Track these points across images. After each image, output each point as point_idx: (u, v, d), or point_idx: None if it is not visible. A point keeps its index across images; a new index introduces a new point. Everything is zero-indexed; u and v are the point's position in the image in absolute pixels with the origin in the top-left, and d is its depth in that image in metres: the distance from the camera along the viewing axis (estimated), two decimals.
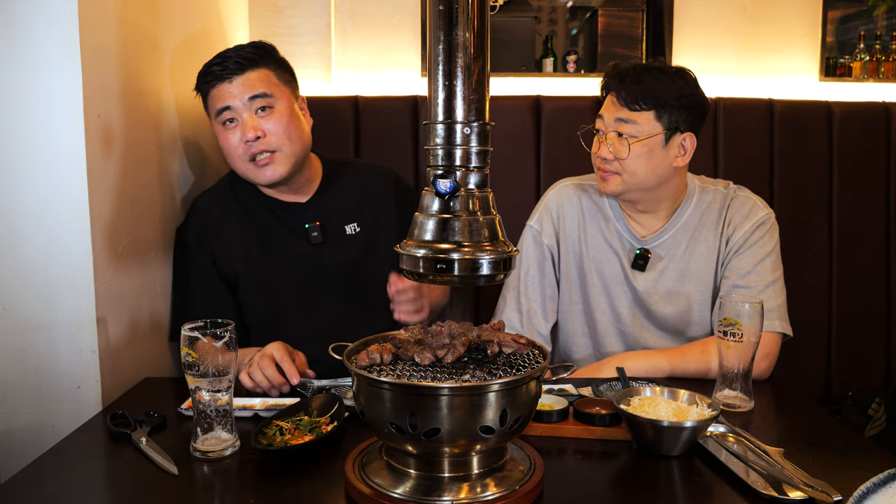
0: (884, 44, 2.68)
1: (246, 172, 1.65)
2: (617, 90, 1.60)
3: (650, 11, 2.64)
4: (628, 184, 1.62)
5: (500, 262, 0.96)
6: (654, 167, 1.61)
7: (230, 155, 1.65)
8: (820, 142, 2.34)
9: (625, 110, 1.59)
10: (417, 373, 0.99)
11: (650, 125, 1.58)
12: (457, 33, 0.93)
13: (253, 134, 1.59)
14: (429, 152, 0.98)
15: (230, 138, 1.62)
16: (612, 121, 1.60)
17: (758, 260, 1.63)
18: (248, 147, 1.61)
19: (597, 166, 1.66)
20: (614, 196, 1.70)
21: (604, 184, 1.65)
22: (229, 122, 1.62)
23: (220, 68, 1.61)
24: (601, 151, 1.62)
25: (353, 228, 1.76)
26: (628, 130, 1.58)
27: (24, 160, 1.36)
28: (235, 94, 1.60)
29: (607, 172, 1.63)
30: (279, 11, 2.51)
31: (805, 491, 0.98)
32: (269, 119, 1.62)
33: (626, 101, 1.58)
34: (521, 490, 0.99)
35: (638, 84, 1.58)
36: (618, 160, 1.60)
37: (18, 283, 1.38)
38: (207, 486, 1.09)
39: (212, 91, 1.63)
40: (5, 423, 1.41)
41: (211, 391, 1.13)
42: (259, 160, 1.62)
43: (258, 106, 1.61)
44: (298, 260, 1.70)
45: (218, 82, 1.62)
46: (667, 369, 1.55)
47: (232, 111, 1.61)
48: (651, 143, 1.58)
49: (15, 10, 1.32)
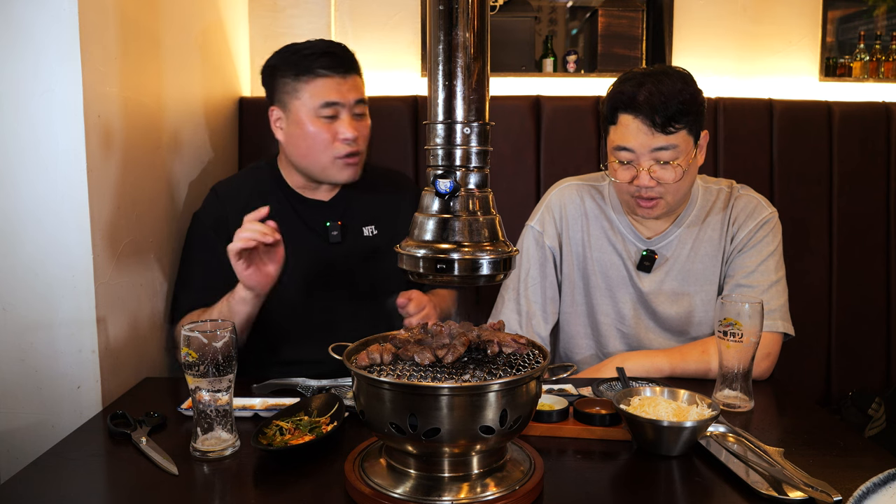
0: (884, 44, 2.68)
1: (328, 166, 1.68)
2: (647, 116, 1.50)
3: (650, 11, 2.64)
4: (671, 204, 1.60)
5: (500, 262, 0.96)
6: (692, 178, 1.61)
7: (317, 146, 1.66)
8: (820, 142, 2.34)
9: (661, 136, 1.51)
10: (417, 373, 0.99)
11: (685, 142, 1.54)
12: (457, 33, 0.93)
13: (353, 134, 1.65)
14: (429, 152, 0.98)
15: (324, 131, 1.65)
16: (647, 152, 1.53)
17: (761, 259, 1.63)
18: (344, 144, 1.66)
19: (632, 194, 1.60)
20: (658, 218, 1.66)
21: (648, 211, 1.60)
22: (329, 117, 1.66)
23: (335, 62, 1.65)
24: (641, 181, 1.55)
25: (370, 231, 1.79)
26: (669, 156, 1.53)
27: (24, 160, 1.36)
28: (346, 92, 1.65)
29: (650, 200, 1.58)
30: (279, 11, 2.51)
31: (805, 491, 0.98)
32: (362, 124, 1.70)
33: (662, 127, 1.51)
34: (521, 490, 0.99)
35: (667, 106, 1.50)
36: (662, 185, 1.55)
37: (18, 283, 1.38)
38: (207, 486, 1.09)
39: (318, 80, 1.64)
40: (5, 423, 1.41)
41: (211, 391, 1.13)
42: (348, 158, 1.67)
43: (358, 111, 1.69)
44: (314, 257, 1.72)
45: (332, 74, 1.64)
46: (667, 369, 1.55)
47: (338, 107, 1.65)
48: (690, 157, 1.56)
49: (15, 10, 1.32)
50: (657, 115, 1.50)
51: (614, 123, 1.58)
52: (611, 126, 1.59)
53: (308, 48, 1.67)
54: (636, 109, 1.51)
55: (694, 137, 1.57)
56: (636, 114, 1.52)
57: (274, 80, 1.70)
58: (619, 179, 1.60)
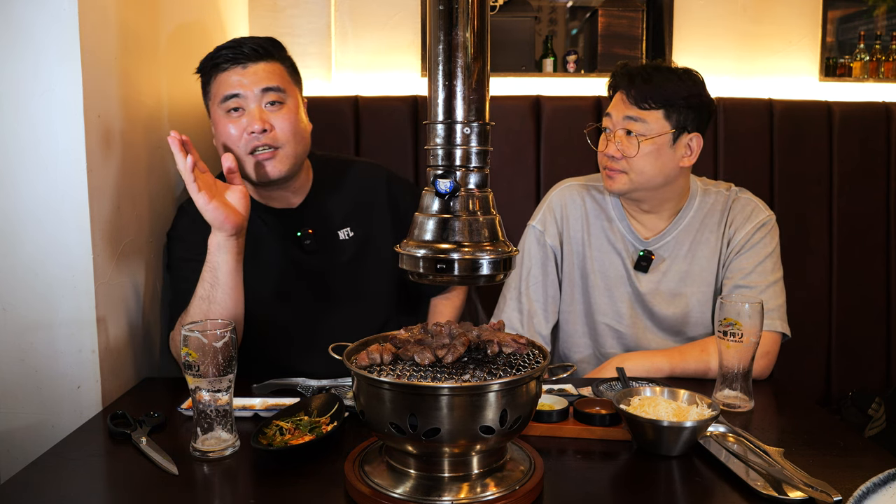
0: (884, 44, 2.68)
1: (244, 166, 1.56)
2: (627, 88, 1.61)
3: (650, 11, 2.65)
4: (635, 182, 1.62)
5: (500, 262, 0.96)
6: (661, 166, 1.61)
7: (229, 145, 1.55)
8: (820, 142, 2.34)
9: (634, 108, 1.59)
10: (417, 373, 0.99)
11: (659, 124, 1.59)
12: (457, 33, 0.93)
13: (260, 126, 1.51)
14: (429, 152, 0.98)
15: (231, 127, 1.53)
16: (621, 119, 1.61)
17: (759, 261, 1.64)
18: (251, 139, 1.52)
19: (603, 164, 1.66)
20: (620, 195, 1.70)
21: (610, 182, 1.65)
22: (234, 110, 1.54)
23: (234, 52, 1.53)
24: (609, 149, 1.62)
25: (346, 233, 1.69)
26: (637, 129, 1.59)
27: (24, 160, 1.36)
28: (247, 83, 1.52)
29: (614, 171, 1.63)
30: (279, 11, 2.51)
31: (805, 491, 0.98)
32: (277, 114, 1.54)
33: (636, 100, 1.59)
34: (521, 490, 0.99)
35: (648, 83, 1.58)
36: (625, 158, 1.60)
37: (18, 283, 1.38)
38: (207, 486, 1.09)
39: (220, 75, 1.55)
40: (5, 423, 1.41)
41: (211, 391, 1.13)
42: (259, 154, 1.54)
43: (269, 99, 1.54)
44: (292, 268, 1.64)
45: (229, 66, 1.53)
46: (666, 369, 1.56)
47: (240, 99, 1.53)
48: (659, 141, 1.59)
49: (15, 10, 1.32)
50: (634, 89, 1.60)
51: (610, 100, 1.68)
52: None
53: (216, 47, 1.56)
54: (623, 82, 1.63)
55: (673, 127, 1.59)
56: (621, 86, 1.64)
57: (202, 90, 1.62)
58: (597, 148, 1.69)
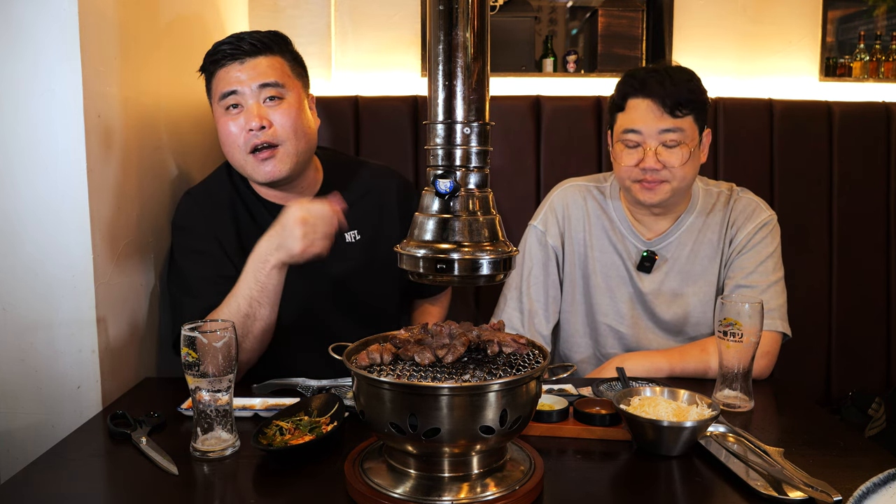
0: (884, 44, 2.68)
1: (244, 165, 1.53)
2: (660, 98, 1.55)
3: (650, 11, 2.64)
4: (676, 190, 1.61)
5: (500, 262, 0.96)
6: (696, 168, 1.62)
7: (228, 144, 1.52)
8: (820, 142, 2.34)
9: (668, 118, 1.55)
10: (417, 373, 0.99)
11: (691, 129, 1.58)
12: (457, 33, 0.93)
13: (258, 123, 1.47)
14: (429, 152, 0.98)
15: (231, 125, 1.50)
16: (656, 133, 1.56)
17: (760, 260, 1.64)
18: (251, 137, 1.48)
19: (634, 178, 1.61)
20: (659, 205, 1.65)
21: (650, 194, 1.60)
22: (233, 107, 1.51)
23: (232, 48, 1.49)
24: (647, 163, 1.57)
25: (352, 236, 1.66)
26: (675, 138, 1.56)
27: (24, 160, 1.36)
28: (245, 79, 1.49)
29: (653, 182, 1.59)
30: (279, 11, 2.51)
31: (805, 491, 0.98)
32: (276, 110, 1.50)
33: (671, 109, 1.55)
34: (521, 490, 0.99)
35: (676, 89, 1.55)
36: (667, 168, 1.57)
37: (18, 283, 1.38)
38: (207, 486, 1.09)
39: (219, 72, 1.52)
40: (5, 423, 1.41)
41: (211, 391, 1.13)
42: (259, 153, 1.50)
43: (268, 95, 1.50)
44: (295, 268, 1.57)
45: (227, 62, 1.50)
46: (666, 369, 1.56)
47: (238, 96, 1.50)
48: (692, 144, 1.58)
49: (15, 10, 1.32)
50: (667, 98, 1.54)
51: (623, 109, 1.61)
52: (619, 113, 1.63)
53: (215, 43, 1.53)
54: (647, 92, 1.56)
55: (699, 129, 1.59)
56: (646, 96, 1.56)
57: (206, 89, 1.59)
58: (625, 163, 1.61)
